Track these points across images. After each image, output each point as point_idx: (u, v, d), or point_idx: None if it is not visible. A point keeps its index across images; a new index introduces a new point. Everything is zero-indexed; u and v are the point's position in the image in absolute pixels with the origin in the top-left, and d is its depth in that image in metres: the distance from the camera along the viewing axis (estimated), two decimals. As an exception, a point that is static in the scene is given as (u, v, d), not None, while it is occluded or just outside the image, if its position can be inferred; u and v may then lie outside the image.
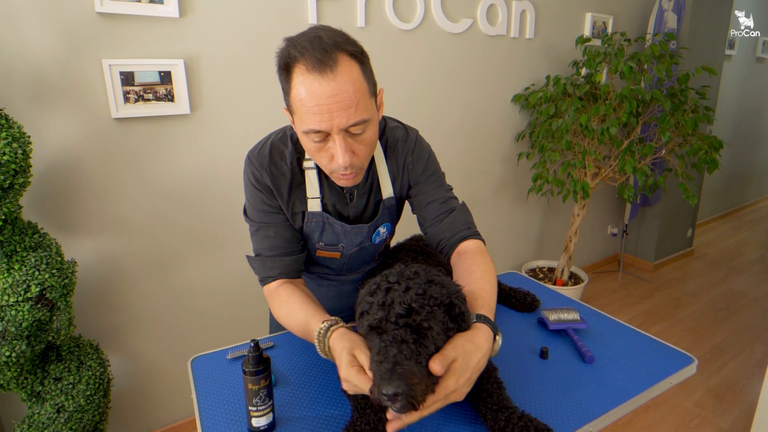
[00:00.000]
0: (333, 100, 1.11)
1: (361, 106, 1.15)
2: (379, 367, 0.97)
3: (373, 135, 1.25)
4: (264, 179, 1.39)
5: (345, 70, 1.11)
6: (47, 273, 1.89)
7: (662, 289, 4.86)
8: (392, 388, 0.93)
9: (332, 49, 1.10)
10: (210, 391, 1.34)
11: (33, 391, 2.06)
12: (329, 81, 1.10)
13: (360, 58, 1.17)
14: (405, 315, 1.01)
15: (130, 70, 2.30)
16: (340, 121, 1.13)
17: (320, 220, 1.46)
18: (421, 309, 1.02)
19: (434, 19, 3.27)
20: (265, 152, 1.40)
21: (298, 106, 1.15)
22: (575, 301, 1.86)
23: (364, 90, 1.17)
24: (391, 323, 1.02)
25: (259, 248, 1.46)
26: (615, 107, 3.53)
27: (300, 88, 1.13)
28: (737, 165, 7.07)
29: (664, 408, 3.10)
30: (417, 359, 0.99)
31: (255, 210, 1.44)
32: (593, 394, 1.29)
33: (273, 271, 1.45)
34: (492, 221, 4.17)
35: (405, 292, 1.04)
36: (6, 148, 1.72)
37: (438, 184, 1.56)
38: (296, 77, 1.14)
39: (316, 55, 1.09)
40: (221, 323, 2.90)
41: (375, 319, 1.03)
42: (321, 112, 1.12)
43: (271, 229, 1.44)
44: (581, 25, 4.18)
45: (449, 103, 3.55)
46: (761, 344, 3.83)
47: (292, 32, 1.21)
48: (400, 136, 1.51)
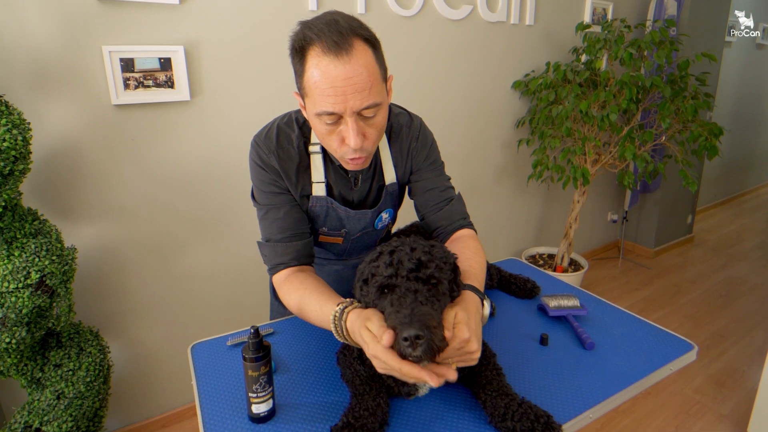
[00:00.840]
0: (348, 82, 1.11)
1: (374, 89, 1.16)
2: (397, 315, 0.98)
3: (383, 119, 1.25)
4: (271, 162, 1.39)
5: (360, 53, 1.12)
6: (47, 259, 1.89)
7: (662, 275, 4.87)
8: (413, 330, 0.93)
9: (348, 33, 1.11)
10: (210, 378, 1.34)
11: (33, 377, 2.06)
12: (344, 64, 1.10)
13: (374, 43, 1.19)
14: (415, 269, 1.02)
15: (130, 57, 2.29)
16: (354, 103, 1.14)
17: (324, 205, 1.46)
18: (429, 263, 1.04)
19: (434, 5, 3.25)
20: (272, 136, 1.40)
21: (312, 88, 1.15)
22: (575, 287, 1.86)
23: (377, 74, 1.18)
24: (401, 278, 1.03)
25: (268, 232, 1.45)
26: (615, 94, 3.52)
27: (314, 71, 1.13)
28: (737, 151, 7.06)
29: (664, 394, 3.10)
30: (434, 307, 1.00)
31: (263, 192, 1.43)
32: (593, 381, 1.29)
33: (284, 257, 1.43)
34: (492, 208, 4.17)
35: (412, 252, 1.07)
36: (6, 134, 1.71)
37: (438, 172, 1.58)
38: (311, 59, 1.13)
39: (332, 37, 1.10)
40: (221, 310, 2.90)
41: (384, 277, 1.04)
42: (335, 94, 1.12)
43: (280, 210, 1.43)
44: (581, 12, 4.16)
45: (449, 90, 3.54)
46: (761, 331, 3.84)
47: (292, 18, 1.22)
48: (404, 122, 1.52)
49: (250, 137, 1.23)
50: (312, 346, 1.49)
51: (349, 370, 1.24)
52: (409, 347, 0.94)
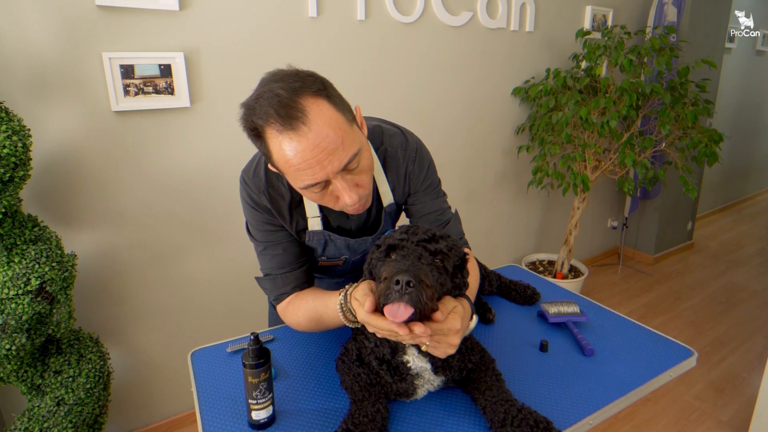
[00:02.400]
0: (317, 150, 1.05)
1: (347, 141, 1.09)
2: (395, 264, 0.99)
3: (369, 159, 1.20)
4: (263, 201, 1.36)
5: (315, 115, 1.05)
6: (47, 266, 1.89)
7: (662, 282, 4.86)
8: (406, 276, 0.95)
9: (294, 100, 1.04)
10: (210, 384, 1.34)
11: (33, 384, 2.06)
12: (305, 135, 1.04)
13: (324, 92, 1.10)
14: (426, 240, 1.03)
15: (130, 63, 2.30)
16: (333, 166, 1.08)
17: (322, 238, 1.44)
18: (441, 240, 1.05)
19: (434, 12, 3.26)
20: (260, 174, 1.36)
21: (286, 167, 1.10)
22: (575, 294, 1.86)
23: (343, 124, 1.10)
24: (412, 243, 1.03)
25: (268, 268, 1.45)
26: (615, 100, 3.53)
27: (279, 152, 1.08)
28: (737, 158, 7.06)
29: (664, 401, 3.10)
30: (431, 273, 1.01)
31: (258, 231, 1.42)
32: (593, 387, 1.29)
33: (286, 288, 1.44)
34: (492, 214, 4.17)
35: (428, 230, 1.10)
36: (6, 141, 1.71)
37: (435, 194, 1.54)
38: (271, 141, 1.08)
39: (280, 114, 1.03)
40: (221, 316, 2.90)
41: (396, 239, 1.04)
42: (311, 166, 1.07)
43: (278, 247, 1.42)
44: (581, 18, 4.17)
45: (449, 97, 3.54)
46: (761, 337, 3.83)
47: (292, 24, 1.21)
48: (399, 144, 1.45)
49: (249, 144, 1.22)
50: (312, 352, 1.49)
51: (348, 376, 1.24)
52: (398, 291, 0.95)
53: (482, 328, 1.62)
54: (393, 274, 0.96)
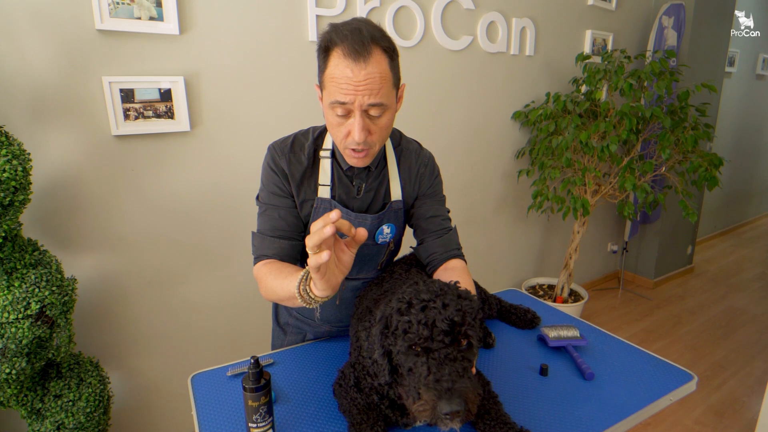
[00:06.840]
0: (360, 82, 1.23)
1: (384, 91, 1.28)
2: (437, 386, 0.97)
3: (388, 122, 1.36)
4: (281, 163, 1.49)
5: (376, 61, 1.24)
6: (47, 290, 1.89)
7: (662, 306, 4.85)
8: (455, 406, 0.94)
9: (369, 42, 1.23)
10: (210, 408, 1.34)
11: (33, 408, 2.05)
12: (361, 68, 1.23)
13: (391, 53, 1.30)
14: (449, 331, 1.02)
15: (130, 87, 2.32)
16: (363, 99, 1.26)
17: (327, 207, 1.51)
18: (462, 322, 1.04)
19: (434, 36, 3.29)
20: (287, 142, 1.52)
21: (330, 81, 1.28)
22: (575, 318, 1.86)
23: (389, 80, 1.30)
24: (437, 341, 1.02)
25: (262, 228, 1.54)
26: (615, 124, 3.55)
27: (334, 69, 1.26)
28: (737, 182, 7.09)
29: (664, 425, 3.08)
30: (468, 375, 1.00)
31: (266, 192, 1.53)
32: (593, 411, 1.29)
33: (269, 251, 1.51)
34: (492, 238, 4.17)
35: (444, 309, 1.05)
36: (6, 165, 1.72)
37: (441, 203, 1.68)
38: (333, 59, 1.26)
39: (354, 44, 1.22)
40: (221, 340, 2.89)
41: (420, 337, 1.03)
42: (348, 89, 1.24)
43: (276, 211, 1.52)
44: (581, 43, 4.21)
45: (449, 120, 3.57)
46: (761, 361, 3.82)
47: (292, 49, 1.27)
48: (414, 148, 1.65)
49: (249, 167, 1.25)
50: (312, 376, 1.49)
51: (346, 400, 1.25)
52: (447, 418, 0.95)
53: (482, 352, 1.62)
54: (440, 403, 0.95)
